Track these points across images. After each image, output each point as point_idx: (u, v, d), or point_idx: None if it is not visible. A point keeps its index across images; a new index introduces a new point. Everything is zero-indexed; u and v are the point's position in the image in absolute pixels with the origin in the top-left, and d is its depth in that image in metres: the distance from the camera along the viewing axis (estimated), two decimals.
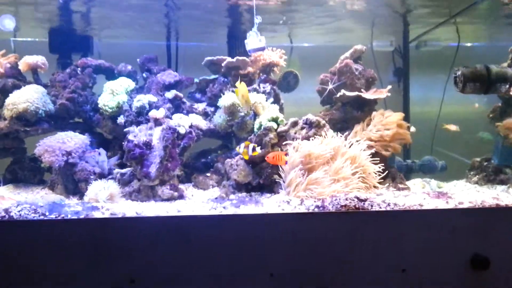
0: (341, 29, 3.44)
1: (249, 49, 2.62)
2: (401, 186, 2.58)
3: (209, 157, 2.91)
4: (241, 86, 2.43)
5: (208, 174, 2.75)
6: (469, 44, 3.58)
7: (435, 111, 3.57)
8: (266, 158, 2.30)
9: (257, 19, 2.62)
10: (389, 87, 2.79)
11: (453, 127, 3.32)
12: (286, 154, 2.32)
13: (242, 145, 2.38)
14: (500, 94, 2.64)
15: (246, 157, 2.38)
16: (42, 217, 1.86)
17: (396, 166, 2.87)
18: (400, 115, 2.57)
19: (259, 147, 2.36)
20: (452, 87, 3.37)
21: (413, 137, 2.70)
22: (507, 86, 2.49)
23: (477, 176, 2.88)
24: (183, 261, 1.85)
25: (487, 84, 2.47)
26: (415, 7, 2.98)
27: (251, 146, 2.34)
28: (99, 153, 2.52)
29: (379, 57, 3.43)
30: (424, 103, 3.66)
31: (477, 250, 1.97)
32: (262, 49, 2.67)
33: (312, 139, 2.34)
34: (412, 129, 2.80)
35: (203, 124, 2.73)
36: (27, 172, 2.84)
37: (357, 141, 2.34)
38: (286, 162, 2.26)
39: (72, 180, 2.54)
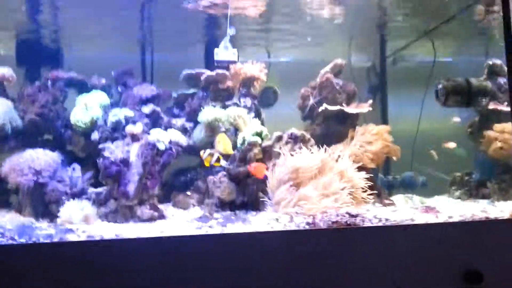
0: (319, 44, 3.43)
1: (217, 59, 2.55)
2: (386, 202, 2.54)
3: (188, 175, 2.79)
4: (221, 136, 2.47)
5: (189, 193, 2.62)
6: (444, 59, 3.63)
7: (412, 128, 3.58)
8: (248, 167, 2.25)
9: (231, 31, 2.55)
10: (370, 101, 2.77)
11: (452, 145, 3.32)
12: (267, 169, 2.26)
13: (208, 151, 2.36)
14: (479, 107, 2.66)
15: (207, 165, 2.36)
16: (10, 241, 1.70)
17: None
18: (385, 128, 2.55)
19: (226, 162, 2.37)
20: (430, 103, 3.45)
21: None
22: (487, 99, 2.53)
23: (459, 191, 2.88)
24: (169, 285, 1.72)
25: (468, 97, 2.50)
26: (391, 20, 3.02)
27: (215, 155, 2.32)
28: (73, 169, 2.35)
29: (357, 72, 3.43)
30: (401, 119, 3.67)
31: (470, 264, 1.93)
32: (233, 62, 2.61)
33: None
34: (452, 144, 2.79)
35: (183, 140, 2.62)
36: None
37: (342, 156, 2.29)
38: (264, 176, 2.22)
39: (42, 202, 2.35)
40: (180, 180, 2.76)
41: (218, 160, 2.34)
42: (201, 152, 2.39)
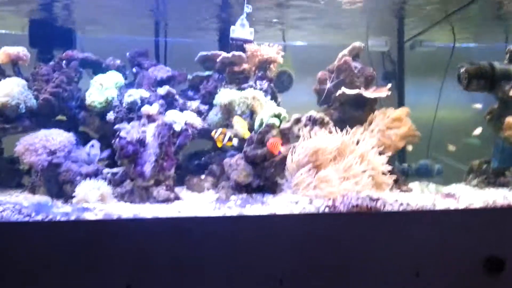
0: (335, 28, 3.37)
1: (233, 36, 2.49)
2: (404, 188, 2.50)
3: (203, 158, 2.75)
4: (237, 118, 2.45)
5: (203, 176, 2.59)
6: (463, 45, 3.56)
7: (428, 116, 3.52)
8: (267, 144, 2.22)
9: (247, 8, 2.50)
10: (389, 85, 2.71)
11: (478, 130, 3.25)
12: (282, 144, 2.24)
13: (220, 130, 2.33)
14: (503, 94, 2.58)
15: (220, 144, 2.34)
16: (27, 218, 1.68)
17: None
18: (405, 110, 2.49)
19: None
20: (447, 91, 3.38)
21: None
22: (511, 84, 2.46)
23: (476, 179, 2.82)
24: (186, 266, 1.69)
25: (492, 82, 2.44)
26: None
27: (228, 134, 2.30)
28: (92, 145, 2.32)
29: (375, 56, 3.37)
30: (418, 106, 3.61)
31: (491, 251, 1.89)
32: (249, 41, 2.54)
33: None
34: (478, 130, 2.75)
35: (198, 122, 2.58)
36: (4, 175, 2.60)
37: (363, 139, 2.24)
38: (279, 153, 2.19)
39: (56, 182, 2.33)
40: (194, 164, 2.73)
41: (230, 139, 2.31)
42: (213, 132, 2.36)
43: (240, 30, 2.41)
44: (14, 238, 1.62)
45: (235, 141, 2.33)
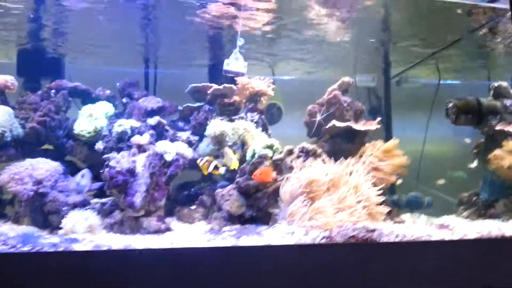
0: (324, 64, 3.44)
1: (226, 69, 2.50)
2: (397, 219, 2.49)
3: (192, 189, 2.70)
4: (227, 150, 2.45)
5: (193, 207, 2.53)
6: (447, 82, 3.67)
7: (415, 149, 3.56)
8: (253, 176, 2.21)
9: (240, 41, 2.52)
10: (379, 119, 2.75)
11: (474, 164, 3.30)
12: (273, 170, 2.24)
13: (205, 158, 2.34)
14: (489, 128, 2.64)
15: (205, 172, 2.35)
16: (12, 249, 1.59)
17: None
18: (394, 143, 2.52)
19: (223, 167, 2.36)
20: (433, 126, 3.45)
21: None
22: (498, 117, 2.52)
23: (467, 211, 2.84)
24: None
25: (479, 116, 2.49)
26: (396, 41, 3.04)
27: (213, 163, 2.31)
28: (83, 175, 2.26)
29: (362, 92, 3.43)
30: (404, 141, 3.67)
31: (488, 281, 1.88)
32: (242, 74, 2.56)
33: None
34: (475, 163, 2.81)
35: (188, 152, 2.54)
36: None
37: (356, 170, 2.25)
38: (273, 179, 2.19)
39: (41, 212, 2.24)
40: (184, 194, 2.68)
41: (216, 168, 2.31)
42: (198, 160, 2.37)
43: (234, 63, 2.43)
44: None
45: (222, 170, 2.34)
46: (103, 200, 2.19)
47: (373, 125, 2.72)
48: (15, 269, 1.54)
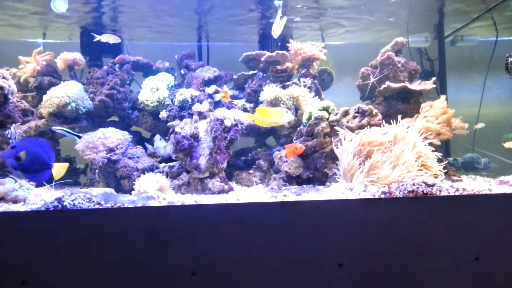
0: (375, 26, 3.39)
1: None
2: (454, 178, 2.49)
3: (249, 154, 2.82)
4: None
5: (251, 171, 2.65)
6: (505, 39, 3.52)
7: (472, 112, 3.47)
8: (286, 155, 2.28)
9: (278, 1, 2.56)
10: (434, 78, 2.72)
11: (480, 125, 3.22)
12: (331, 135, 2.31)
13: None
14: None
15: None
16: (97, 206, 1.76)
17: None
18: (443, 99, 2.50)
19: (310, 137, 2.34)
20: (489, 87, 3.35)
21: (454, 138, 2.63)
22: None
23: None
24: (247, 251, 1.74)
25: None
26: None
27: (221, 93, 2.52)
28: (160, 139, 2.43)
29: (415, 52, 3.38)
30: (460, 103, 3.58)
31: None
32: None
33: (365, 128, 2.26)
34: (481, 125, 2.72)
35: (245, 119, 2.65)
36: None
37: (412, 128, 2.26)
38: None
39: (114, 178, 2.44)
40: (241, 160, 2.79)
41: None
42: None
43: (276, 27, 2.48)
44: (86, 224, 1.71)
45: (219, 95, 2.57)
46: (171, 163, 2.34)
47: (428, 84, 2.70)
48: (101, 223, 1.71)
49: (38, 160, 1.88)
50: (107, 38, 2.68)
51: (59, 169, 1.96)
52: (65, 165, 2.00)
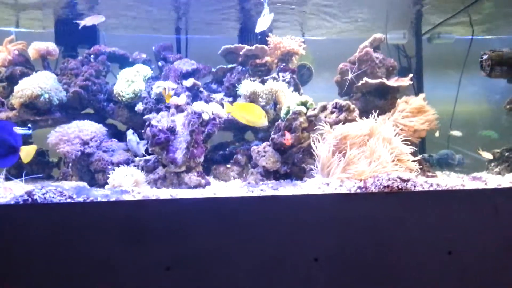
0: (355, 21, 3.40)
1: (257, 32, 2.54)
2: (429, 174, 2.52)
3: (227, 149, 2.80)
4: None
5: (229, 166, 2.63)
6: (481, 37, 3.58)
7: (447, 109, 3.53)
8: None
9: None
10: (411, 75, 2.75)
11: (457, 133, 3.28)
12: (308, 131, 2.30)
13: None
14: None
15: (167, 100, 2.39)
16: (69, 200, 1.72)
17: None
18: (422, 98, 2.53)
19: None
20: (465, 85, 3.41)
21: (428, 135, 2.66)
22: None
23: (498, 166, 2.84)
24: (223, 246, 1.73)
25: None
26: None
27: (167, 90, 2.37)
28: (133, 133, 2.38)
29: (393, 49, 3.41)
30: (436, 100, 3.64)
31: None
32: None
33: (343, 123, 2.27)
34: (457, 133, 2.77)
35: (223, 113, 2.63)
36: (34, 167, 2.66)
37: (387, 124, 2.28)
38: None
39: (87, 171, 2.39)
40: (219, 154, 2.77)
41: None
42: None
43: (262, 22, 2.46)
44: (56, 218, 1.66)
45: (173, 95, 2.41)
46: (147, 157, 2.31)
47: (405, 81, 2.72)
48: (72, 218, 1.67)
49: (3, 143, 1.80)
50: (92, 20, 2.57)
51: (27, 152, 1.88)
52: (33, 147, 1.92)
